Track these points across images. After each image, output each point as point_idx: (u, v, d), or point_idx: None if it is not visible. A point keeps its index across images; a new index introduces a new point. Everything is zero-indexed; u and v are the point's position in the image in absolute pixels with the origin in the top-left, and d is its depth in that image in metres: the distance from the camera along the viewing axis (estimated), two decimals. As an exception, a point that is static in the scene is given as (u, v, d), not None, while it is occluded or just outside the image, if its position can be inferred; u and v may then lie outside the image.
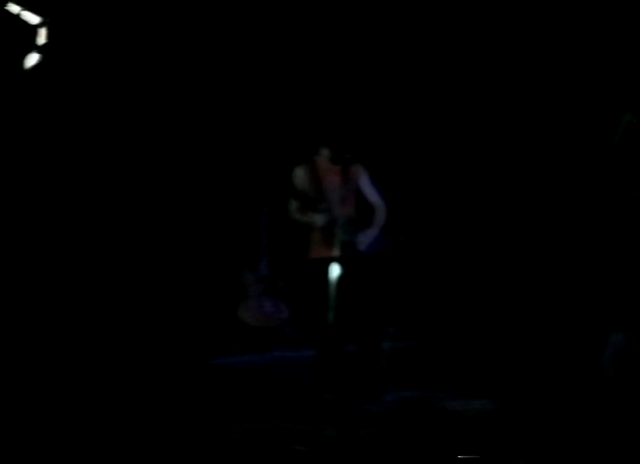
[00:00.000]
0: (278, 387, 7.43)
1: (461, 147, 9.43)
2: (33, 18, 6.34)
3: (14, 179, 8.68)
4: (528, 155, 9.10)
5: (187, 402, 6.88)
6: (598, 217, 8.38)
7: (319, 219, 6.92)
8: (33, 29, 6.36)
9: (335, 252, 6.43)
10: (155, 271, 9.50)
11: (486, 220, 9.38)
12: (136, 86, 9.28)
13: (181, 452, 5.71)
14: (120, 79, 9.16)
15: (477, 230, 9.44)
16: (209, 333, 9.23)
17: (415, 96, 9.45)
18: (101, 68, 9.03)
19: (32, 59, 6.37)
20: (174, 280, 9.54)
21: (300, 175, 7.06)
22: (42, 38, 6.37)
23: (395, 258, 7.03)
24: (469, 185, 9.48)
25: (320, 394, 6.81)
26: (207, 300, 9.54)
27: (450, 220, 9.55)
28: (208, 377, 7.82)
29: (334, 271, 6.36)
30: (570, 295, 8.67)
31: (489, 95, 9.25)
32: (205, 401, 6.91)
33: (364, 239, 6.97)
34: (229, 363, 8.32)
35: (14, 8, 6.28)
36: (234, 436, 6.01)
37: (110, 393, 7.00)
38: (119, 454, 5.65)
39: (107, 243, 9.38)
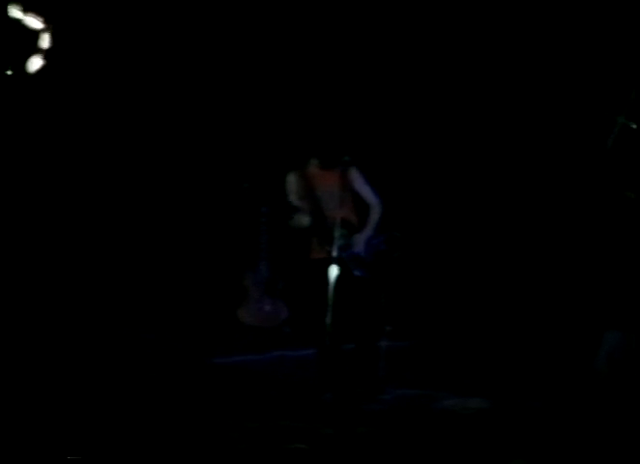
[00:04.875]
0: (278, 386, 7.46)
1: (458, 145, 9.49)
2: (36, 24, 6.36)
3: (18, 181, 8.75)
4: (524, 155, 9.15)
5: (187, 401, 6.91)
6: (593, 217, 8.43)
7: (304, 220, 7.01)
8: (36, 34, 6.37)
9: (333, 254, 6.48)
10: (156, 272, 9.57)
11: (482, 219, 9.43)
12: (137, 92, 9.35)
13: (180, 451, 5.75)
14: (121, 85, 9.24)
15: (473, 229, 9.49)
16: (209, 333, 9.27)
17: (410, 94, 9.50)
18: (102, 72, 9.10)
19: (35, 63, 6.39)
20: (175, 281, 9.60)
21: (292, 181, 7.14)
22: (45, 42, 6.38)
23: (391, 256, 7.06)
24: (466, 183, 9.54)
25: (319, 393, 6.89)
26: (208, 300, 9.60)
27: (446, 219, 9.60)
28: (208, 376, 7.84)
29: (333, 271, 6.41)
30: (566, 294, 8.72)
31: (485, 95, 9.30)
32: (205, 400, 6.94)
33: (360, 240, 7.05)
34: (229, 363, 8.34)
35: (16, 13, 6.30)
36: (233, 434, 6.06)
37: (110, 392, 7.02)
38: (119, 452, 5.69)
39: (109, 244, 9.44)
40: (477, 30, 9.16)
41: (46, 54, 6.35)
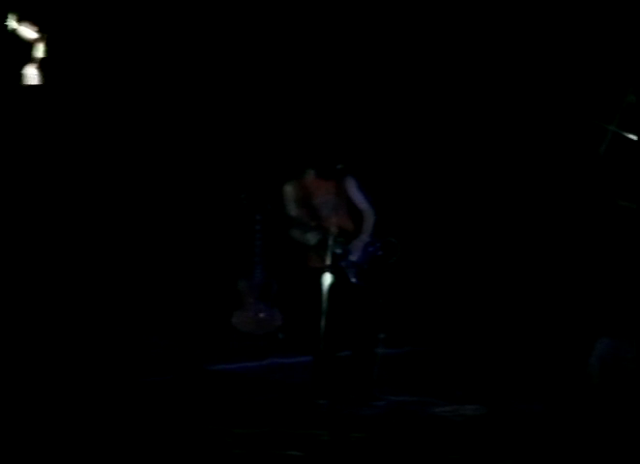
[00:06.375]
0: (273, 392, 7.48)
1: (453, 151, 9.50)
2: (30, 33, 6.37)
3: (21, 184, 8.76)
4: (517, 162, 9.17)
5: (181, 407, 6.95)
6: (586, 225, 8.48)
7: (312, 238, 7.06)
8: (30, 44, 6.38)
9: (328, 262, 6.52)
10: (151, 278, 9.56)
11: (476, 225, 9.45)
12: (134, 101, 9.38)
13: (175, 456, 5.78)
14: (118, 94, 9.27)
15: (467, 235, 9.51)
16: (204, 339, 9.27)
17: (403, 104, 9.53)
18: (99, 80, 9.13)
19: (30, 73, 6.39)
20: (170, 287, 9.60)
21: (289, 191, 7.18)
22: (39, 52, 6.39)
23: (388, 262, 7.09)
24: (461, 188, 9.54)
25: (314, 399, 6.93)
26: (203, 306, 9.59)
27: (442, 226, 9.62)
28: (203, 382, 7.85)
29: (327, 279, 6.45)
30: (559, 301, 8.74)
31: (477, 103, 9.32)
32: (200, 406, 6.97)
33: (357, 247, 7.10)
34: (225, 369, 8.35)
35: (11, 23, 6.31)
36: (228, 440, 6.08)
37: (107, 397, 7.07)
38: (116, 456, 5.73)
39: (104, 250, 9.44)
40: (468, 41, 9.21)
41: (41, 64, 6.35)
